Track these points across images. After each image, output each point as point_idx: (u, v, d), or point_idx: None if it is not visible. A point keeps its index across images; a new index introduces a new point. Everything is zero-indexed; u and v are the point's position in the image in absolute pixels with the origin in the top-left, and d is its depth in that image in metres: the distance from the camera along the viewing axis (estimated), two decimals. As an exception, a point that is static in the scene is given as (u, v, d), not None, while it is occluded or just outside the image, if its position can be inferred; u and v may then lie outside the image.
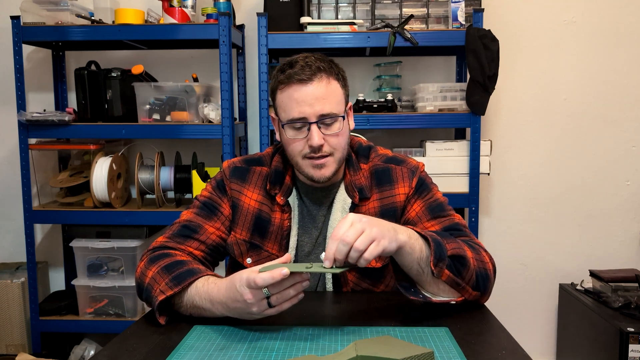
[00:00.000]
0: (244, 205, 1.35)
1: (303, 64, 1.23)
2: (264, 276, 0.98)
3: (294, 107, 1.23)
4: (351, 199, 1.32)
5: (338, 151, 1.27)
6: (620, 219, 2.69)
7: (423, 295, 1.14)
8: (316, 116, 1.23)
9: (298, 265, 1.05)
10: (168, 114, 2.36)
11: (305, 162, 1.27)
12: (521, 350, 0.99)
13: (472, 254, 1.18)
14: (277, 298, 1.02)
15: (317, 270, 1.01)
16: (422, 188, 1.34)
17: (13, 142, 2.67)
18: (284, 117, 1.26)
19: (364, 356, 0.89)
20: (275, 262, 1.06)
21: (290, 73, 1.23)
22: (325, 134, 1.24)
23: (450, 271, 1.12)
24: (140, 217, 2.36)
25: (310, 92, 1.22)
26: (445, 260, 1.11)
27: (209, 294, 1.10)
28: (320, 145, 1.24)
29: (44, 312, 2.46)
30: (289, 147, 1.29)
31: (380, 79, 2.55)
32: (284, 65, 1.26)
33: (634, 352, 2.04)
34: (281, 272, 0.98)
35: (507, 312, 2.70)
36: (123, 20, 2.32)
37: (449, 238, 1.17)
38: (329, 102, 1.23)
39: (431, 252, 1.10)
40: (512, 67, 2.63)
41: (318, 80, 1.23)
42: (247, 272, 1.02)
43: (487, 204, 2.70)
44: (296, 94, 1.23)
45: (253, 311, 1.04)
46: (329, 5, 2.45)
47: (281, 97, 1.26)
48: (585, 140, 2.66)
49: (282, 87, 1.25)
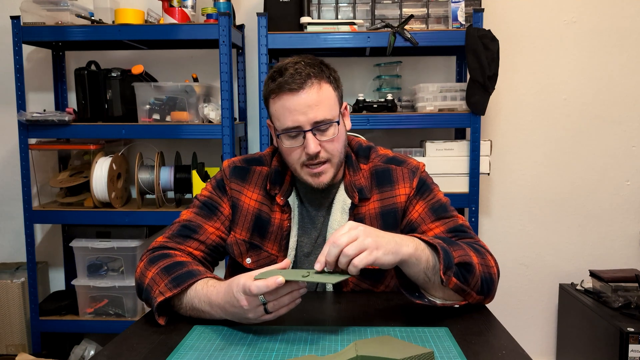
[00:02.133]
0: (243, 205, 1.35)
1: (293, 72, 1.21)
2: (258, 284, 0.99)
3: (287, 117, 1.22)
4: (351, 199, 1.32)
5: (335, 156, 1.27)
6: (620, 219, 2.69)
7: (428, 299, 1.14)
8: (310, 124, 1.22)
9: (295, 272, 1.05)
10: (168, 114, 2.36)
11: (304, 170, 1.27)
12: (521, 350, 0.99)
13: (477, 259, 1.18)
14: (274, 305, 1.02)
15: (313, 280, 1.01)
16: (424, 189, 1.34)
17: (13, 142, 2.67)
18: (278, 127, 1.26)
19: (364, 356, 0.89)
20: (273, 267, 1.06)
21: (281, 82, 1.21)
22: (320, 140, 1.24)
23: (457, 278, 1.13)
24: (140, 217, 2.36)
25: (302, 100, 1.21)
26: (452, 269, 1.11)
27: (208, 297, 1.11)
28: (317, 152, 1.23)
29: (44, 312, 2.46)
30: (286, 157, 1.29)
31: (380, 79, 2.55)
32: (274, 73, 1.24)
33: (634, 352, 2.04)
34: (276, 281, 0.98)
35: (507, 312, 2.70)
36: (123, 20, 2.32)
37: (456, 245, 1.17)
38: (322, 109, 1.22)
39: (440, 261, 1.09)
40: (512, 67, 2.63)
41: (309, 87, 1.21)
42: (243, 278, 1.02)
43: (487, 204, 2.70)
44: (288, 104, 1.22)
45: (249, 317, 1.04)
46: (329, 5, 2.45)
47: (274, 107, 1.25)
48: (585, 140, 2.66)
49: (273, 96, 1.24)
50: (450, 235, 1.27)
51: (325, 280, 1.01)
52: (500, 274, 1.25)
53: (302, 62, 1.24)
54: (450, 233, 1.27)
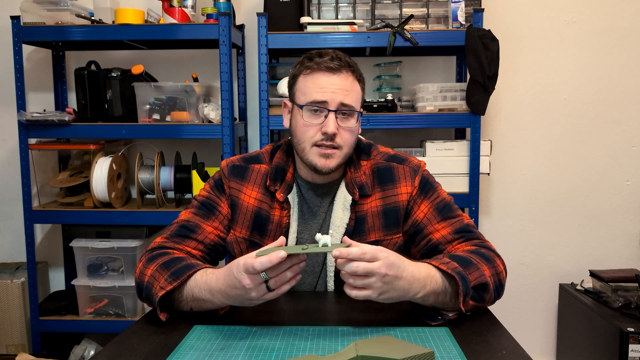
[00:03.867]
0: (243, 204, 1.35)
1: (333, 55, 1.26)
2: (261, 260, 0.99)
3: (317, 91, 1.25)
4: (351, 195, 1.32)
5: (346, 146, 1.28)
6: (620, 219, 2.69)
7: (441, 316, 1.14)
8: (337, 104, 1.24)
9: (294, 247, 1.06)
10: (168, 114, 2.36)
11: (314, 149, 1.27)
12: (521, 351, 0.99)
13: (489, 271, 1.18)
14: (276, 281, 1.02)
15: (313, 251, 1.02)
16: (427, 188, 1.34)
17: (13, 142, 2.67)
18: (303, 100, 1.27)
19: (364, 356, 0.89)
20: (269, 246, 1.06)
21: (319, 61, 1.25)
22: (340, 125, 1.25)
23: (474, 300, 1.14)
24: (140, 217, 2.36)
25: (337, 81, 1.25)
26: (470, 294, 1.12)
27: (208, 284, 1.11)
28: (334, 135, 1.24)
29: (44, 312, 2.46)
30: (300, 131, 1.28)
31: (380, 79, 2.55)
32: (312, 54, 1.29)
33: (634, 352, 2.04)
34: (278, 255, 0.98)
35: (507, 312, 2.70)
36: (123, 20, 2.32)
37: (471, 265, 1.16)
38: (350, 96, 1.26)
39: (460, 293, 1.10)
40: (512, 67, 2.63)
41: (345, 74, 1.26)
42: (243, 258, 1.03)
43: (487, 204, 2.70)
44: (321, 80, 1.25)
45: (252, 296, 1.04)
46: (329, 5, 2.45)
47: (304, 81, 1.28)
48: (585, 141, 2.66)
49: (308, 72, 1.27)
50: (457, 236, 1.28)
51: (325, 250, 1.03)
52: (507, 272, 1.26)
53: (342, 53, 1.29)
54: (457, 234, 1.28)
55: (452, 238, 1.28)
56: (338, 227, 1.31)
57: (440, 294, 1.12)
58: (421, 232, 1.31)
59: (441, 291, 1.11)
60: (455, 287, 1.12)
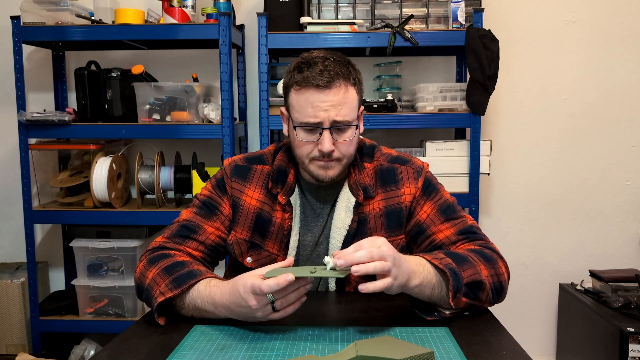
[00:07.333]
0: (244, 205, 1.34)
1: (322, 68, 1.20)
2: (269, 283, 0.98)
3: (309, 111, 1.21)
4: (355, 197, 1.31)
5: (346, 157, 1.27)
6: (620, 219, 2.69)
7: (438, 312, 1.14)
8: (330, 122, 1.21)
9: (302, 269, 1.05)
10: (168, 114, 2.36)
11: (313, 162, 1.27)
12: (521, 351, 0.99)
13: (487, 271, 1.17)
14: (282, 303, 1.03)
15: (321, 275, 1.01)
16: (430, 189, 1.34)
17: (13, 142, 2.67)
18: (296, 119, 1.24)
19: (364, 356, 0.89)
20: (277, 265, 1.06)
21: (308, 76, 1.20)
22: (336, 140, 1.24)
23: (467, 297, 1.13)
24: (140, 217, 2.36)
25: (327, 98, 1.20)
26: (461, 290, 1.11)
27: (212, 297, 1.10)
28: (331, 151, 1.23)
29: (44, 312, 2.46)
30: (297, 149, 1.28)
31: (380, 79, 2.55)
32: (301, 64, 1.23)
33: (634, 352, 2.04)
34: (287, 279, 0.98)
35: (507, 312, 2.70)
36: (123, 20, 2.32)
37: (466, 262, 1.15)
38: (344, 110, 1.22)
39: (449, 288, 1.09)
40: (512, 67, 2.63)
41: (336, 88, 1.21)
42: (250, 279, 1.02)
43: (487, 204, 2.70)
44: (312, 99, 1.21)
45: (257, 316, 1.04)
46: (329, 5, 2.45)
47: (296, 98, 1.24)
48: (586, 141, 2.66)
49: (298, 88, 1.23)
50: (460, 237, 1.27)
51: (333, 275, 1.02)
52: (510, 275, 1.25)
53: (331, 58, 1.23)
54: (461, 235, 1.27)
55: (456, 239, 1.27)
56: (340, 228, 1.30)
57: (435, 286, 1.11)
58: (424, 233, 1.30)
59: (436, 283, 1.11)
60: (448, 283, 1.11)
